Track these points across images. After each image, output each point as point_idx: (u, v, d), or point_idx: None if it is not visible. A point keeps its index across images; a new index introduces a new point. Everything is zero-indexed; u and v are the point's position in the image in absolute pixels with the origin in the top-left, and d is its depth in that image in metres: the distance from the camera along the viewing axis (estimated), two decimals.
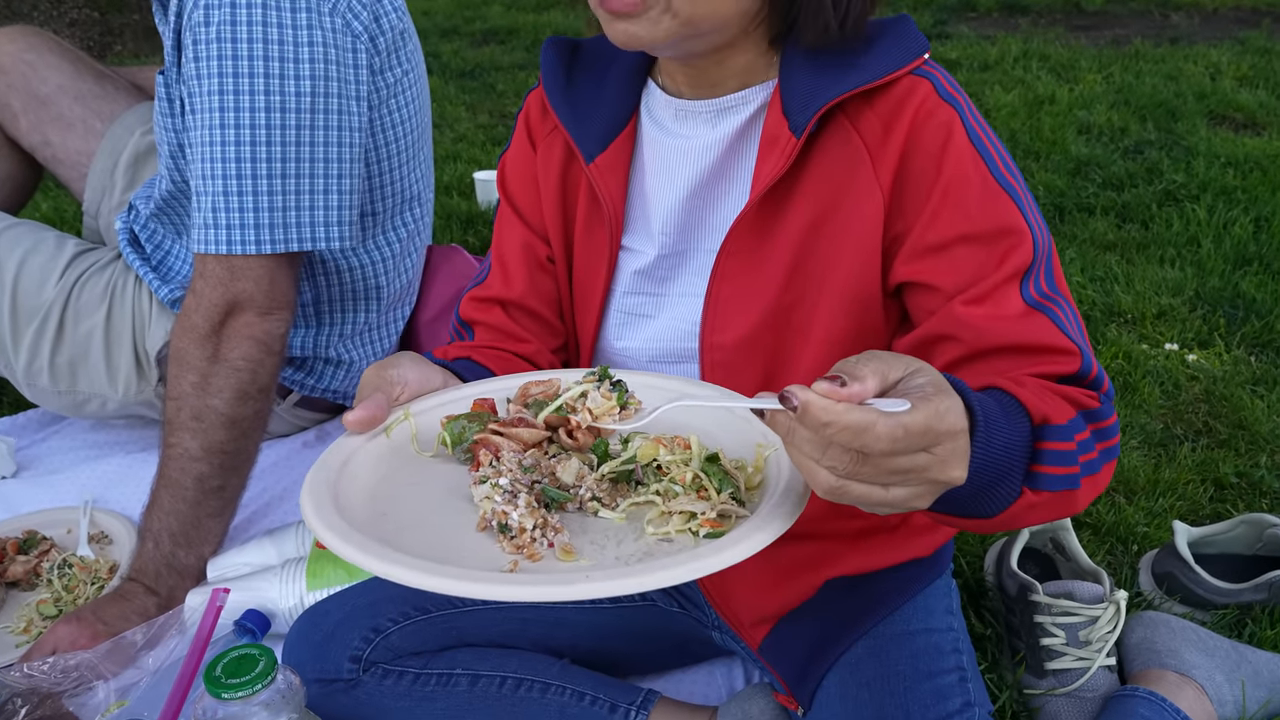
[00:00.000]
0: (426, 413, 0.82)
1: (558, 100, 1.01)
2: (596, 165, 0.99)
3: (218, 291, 1.40)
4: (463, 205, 2.90)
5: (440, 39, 5.14)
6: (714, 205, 0.98)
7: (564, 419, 0.78)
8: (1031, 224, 0.85)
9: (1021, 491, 0.73)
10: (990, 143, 0.88)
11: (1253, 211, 2.68)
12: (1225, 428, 1.86)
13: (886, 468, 0.58)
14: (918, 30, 0.91)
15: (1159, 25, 5.10)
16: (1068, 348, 0.81)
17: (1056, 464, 0.74)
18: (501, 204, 1.13)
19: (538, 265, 1.09)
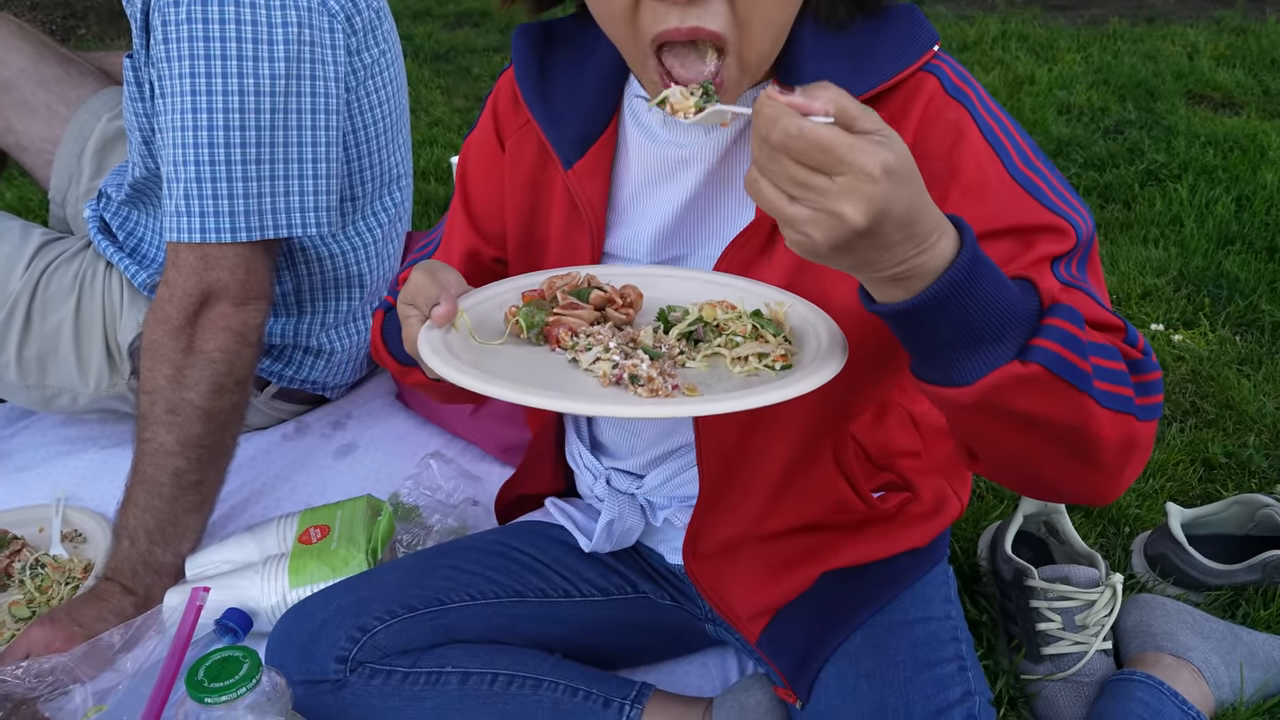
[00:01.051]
0: (471, 309, 0.88)
1: (532, 97, 0.96)
2: (575, 172, 0.95)
3: (191, 281, 1.36)
4: (440, 190, 2.86)
5: (413, 21, 5.06)
6: (710, 212, 0.95)
7: (609, 298, 0.87)
8: (1065, 214, 0.81)
9: (1009, 360, 0.68)
10: (1006, 134, 0.84)
11: (1234, 190, 2.69)
12: (1213, 408, 1.86)
13: (788, 173, 0.61)
14: (925, 20, 0.88)
15: (1135, 4, 5.10)
16: (1111, 321, 0.78)
17: (1062, 343, 0.68)
18: (457, 194, 1.09)
19: (482, 270, 1.08)
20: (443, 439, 1.75)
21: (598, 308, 0.87)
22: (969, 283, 0.66)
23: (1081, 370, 0.70)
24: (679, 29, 0.77)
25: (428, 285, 0.85)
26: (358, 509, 1.39)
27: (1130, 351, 0.78)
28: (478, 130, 1.07)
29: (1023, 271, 0.79)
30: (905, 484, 1.07)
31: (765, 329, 0.82)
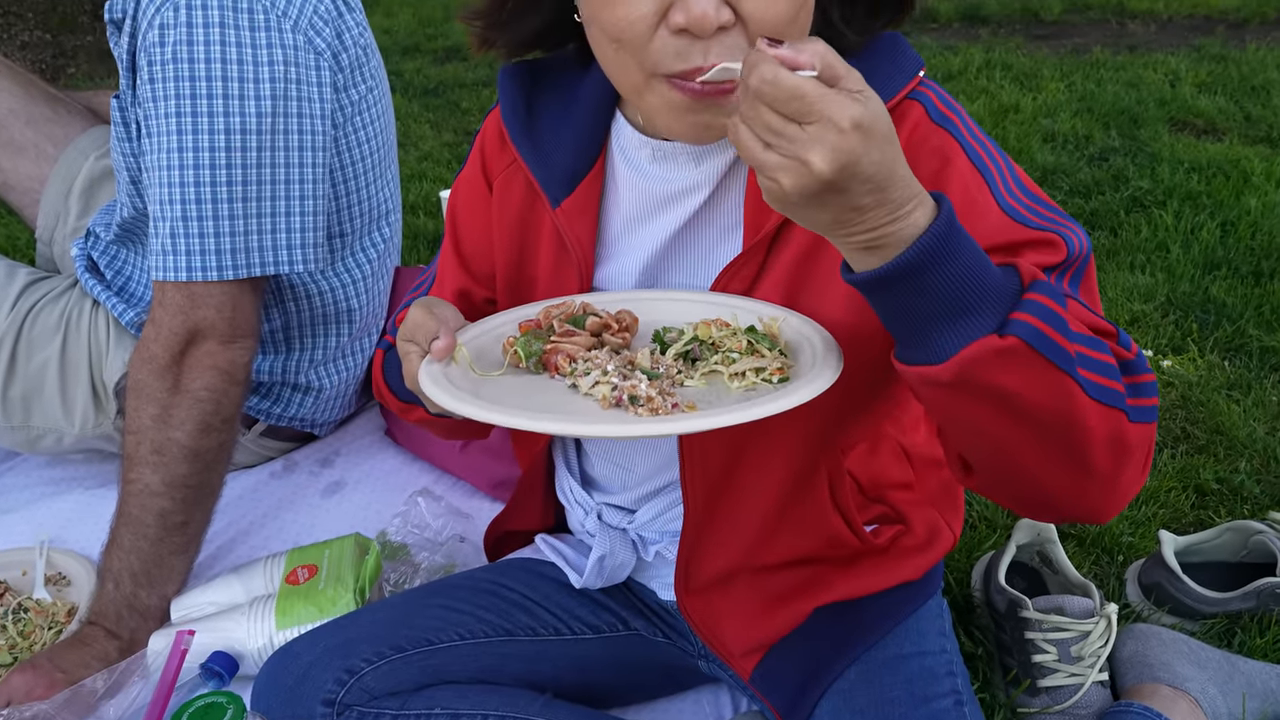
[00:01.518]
0: (469, 342, 0.89)
1: (519, 136, 0.96)
2: (563, 209, 0.95)
3: (178, 320, 1.35)
4: (429, 225, 2.86)
5: (402, 57, 5.09)
6: (698, 243, 0.95)
7: (604, 324, 0.89)
8: (1054, 229, 0.81)
9: (986, 334, 0.67)
10: (992, 160, 0.85)
11: (1219, 216, 2.71)
12: (1203, 433, 1.86)
13: (763, 119, 0.62)
14: (910, 48, 0.89)
15: (1116, 33, 5.17)
16: (1102, 326, 0.77)
17: (1042, 318, 0.67)
18: (447, 235, 1.10)
19: (471, 311, 1.08)
20: (432, 475, 1.74)
21: (594, 333, 0.88)
22: (943, 250, 0.66)
23: (1063, 349, 0.68)
24: (702, 68, 0.76)
25: (426, 321, 0.85)
26: (345, 548, 1.38)
27: (1122, 352, 0.76)
28: (466, 170, 1.07)
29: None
30: (897, 516, 1.06)
31: (760, 344, 0.83)
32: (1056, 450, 0.72)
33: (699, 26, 0.74)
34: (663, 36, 0.76)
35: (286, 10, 1.35)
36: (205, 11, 1.29)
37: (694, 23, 0.74)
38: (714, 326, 0.86)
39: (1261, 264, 2.45)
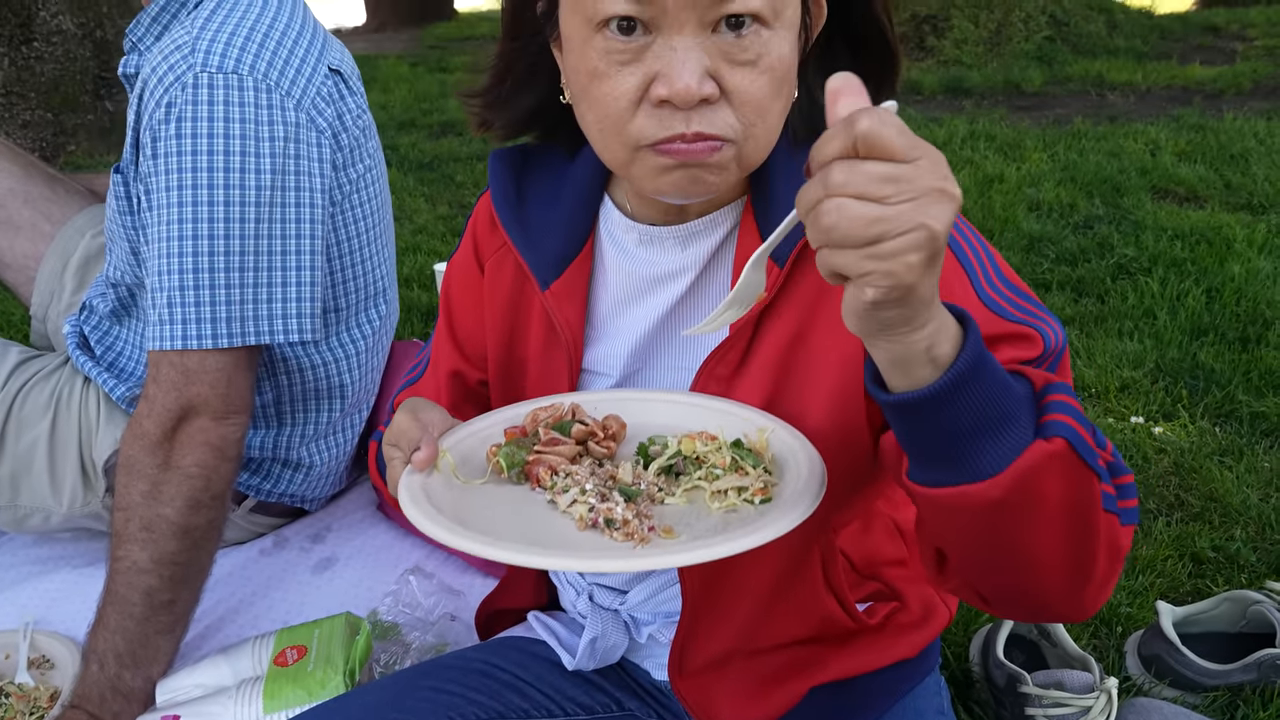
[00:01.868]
0: (454, 447, 0.89)
1: (509, 220, 0.98)
2: (553, 292, 0.95)
3: (171, 396, 1.35)
4: (423, 298, 2.88)
5: (398, 132, 5.18)
6: (685, 324, 0.95)
7: (590, 432, 0.88)
8: (1031, 324, 0.82)
9: (1033, 440, 0.64)
10: (974, 251, 0.85)
11: (1204, 283, 2.74)
12: (1197, 500, 1.86)
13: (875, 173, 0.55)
14: None
15: (1097, 104, 5.29)
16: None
17: (1066, 414, 0.66)
18: (441, 316, 1.11)
19: (466, 392, 1.09)
20: (424, 550, 1.73)
21: (579, 441, 0.87)
22: (984, 357, 0.63)
23: (1093, 449, 0.68)
24: (684, 134, 0.77)
25: (410, 427, 0.85)
26: (336, 627, 1.36)
27: (1104, 455, 0.75)
28: (459, 253, 1.08)
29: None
30: (892, 593, 1.06)
31: (745, 461, 0.82)
32: (1067, 555, 0.70)
33: (681, 99, 0.75)
34: (645, 110, 0.78)
35: (290, 90, 1.38)
36: (211, 90, 1.32)
37: (676, 96, 0.75)
38: (699, 440, 0.85)
39: (1248, 330, 2.47)
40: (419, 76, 6.98)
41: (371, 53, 8.72)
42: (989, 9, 6.54)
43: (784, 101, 0.81)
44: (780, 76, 0.79)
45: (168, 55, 1.35)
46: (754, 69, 0.76)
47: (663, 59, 0.75)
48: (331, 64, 1.48)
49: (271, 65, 1.37)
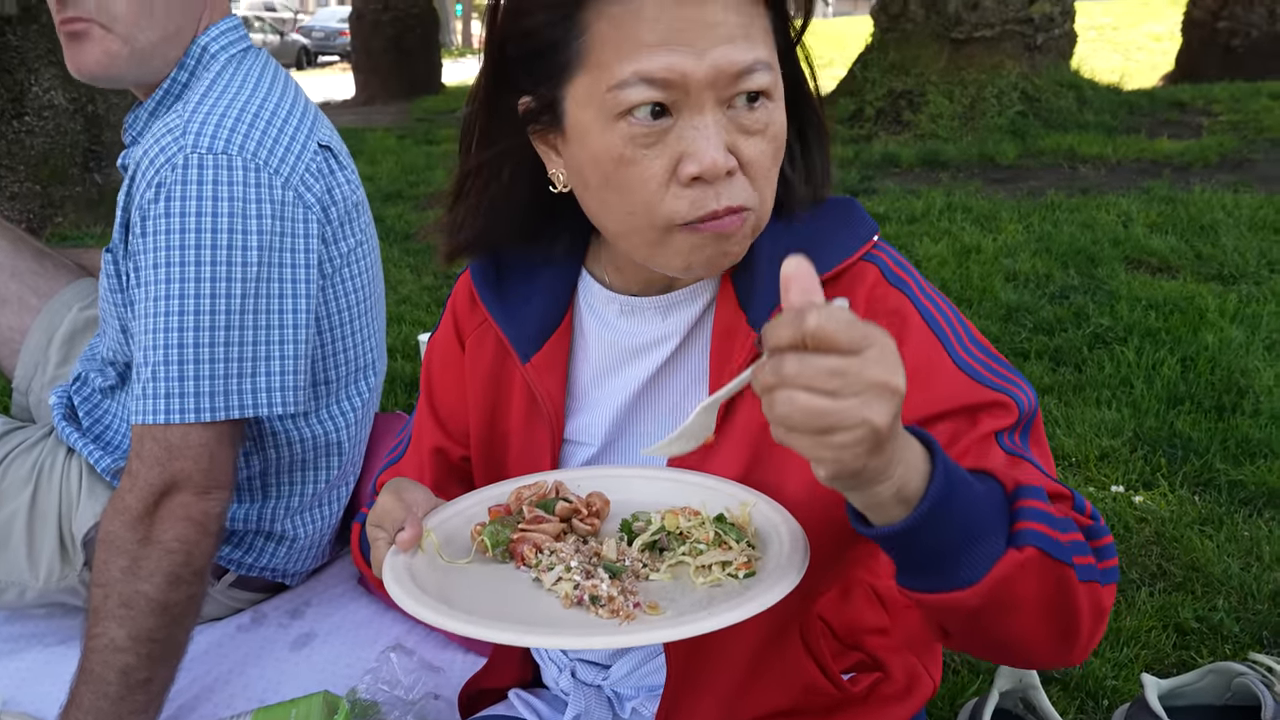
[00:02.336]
0: (438, 527, 0.89)
1: (488, 296, 1.00)
2: (533, 365, 0.97)
3: (154, 472, 1.34)
4: (407, 368, 2.89)
5: (384, 203, 5.25)
6: (665, 393, 0.97)
7: (574, 509, 0.88)
8: (1006, 390, 0.84)
9: (1005, 550, 0.69)
10: (945, 319, 0.88)
11: (1178, 352, 2.79)
12: (1180, 570, 1.86)
13: (823, 367, 0.58)
14: (865, 213, 0.93)
15: (1069, 176, 5.43)
16: (1058, 491, 0.80)
17: (1037, 520, 0.71)
18: (423, 393, 1.11)
19: (449, 468, 1.10)
20: (404, 626, 1.70)
21: (563, 518, 0.88)
22: (952, 478, 0.67)
23: (1062, 544, 0.72)
24: (717, 210, 0.80)
25: (394, 508, 0.86)
26: (313, 707, 1.34)
27: (1081, 519, 0.79)
28: (440, 331, 1.10)
29: (970, 449, 0.81)
30: (875, 663, 1.05)
31: (728, 535, 0.83)
32: (1052, 633, 0.75)
33: (711, 174, 0.79)
34: (675, 190, 0.81)
35: (279, 168, 1.41)
36: (200, 170, 1.35)
37: (707, 172, 0.78)
38: (682, 515, 0.86)
39: (1223, 398, 2.51)
40: (406, 149, 7.10)
41: (360, 126, 8.87)
42: (963, 85, 6.74)
43: (780, 168, 0.86)
44: (781, 144, 0.83)
45: (159, 138, 1.38)
46: (762, 138, 0.81)
47: (686, 138, 0.79)
48: (321, 140, 1.51)
49: (261, 145, 1.40)
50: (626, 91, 0.78)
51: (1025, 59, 6.86)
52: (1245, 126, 6.35)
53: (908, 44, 7.09)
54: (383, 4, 12.24)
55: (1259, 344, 2.82)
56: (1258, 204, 4.37)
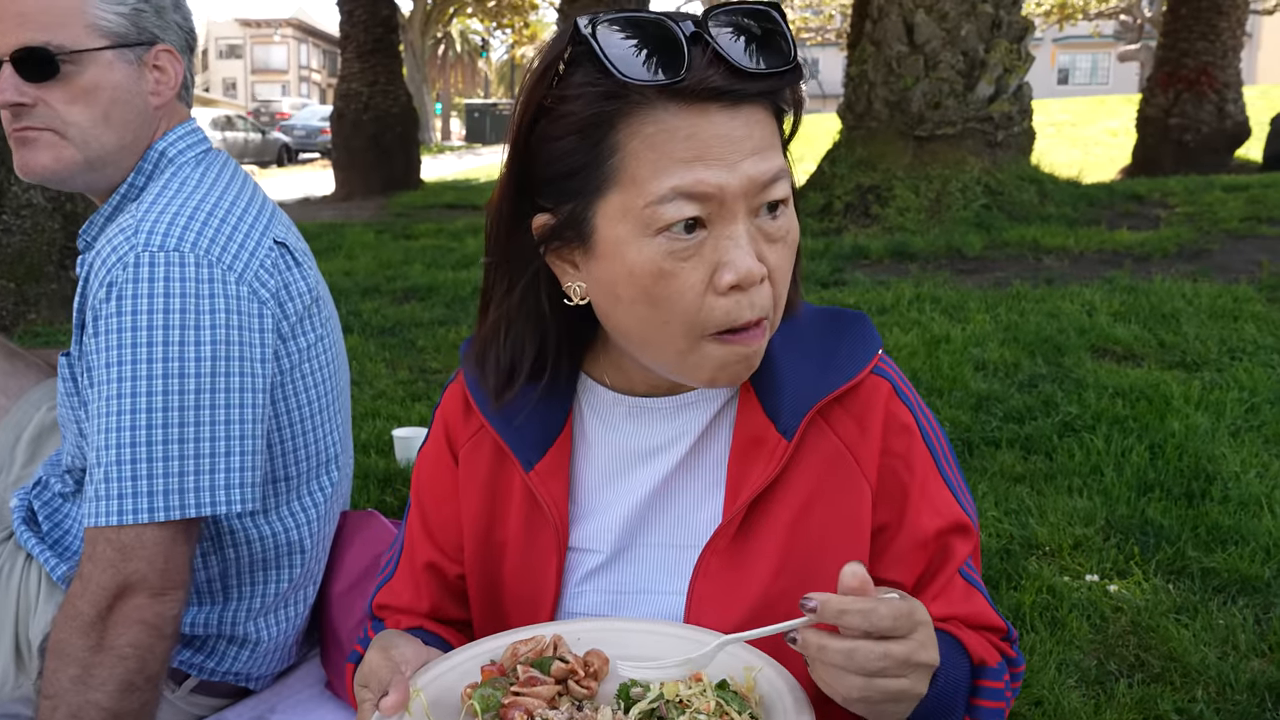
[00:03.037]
0: (428, 685, 0.86)
1: (486, 406, 0.98)
2: (537, 472, 0.95)
3: (107, 574, 1.31)
4: (381, 463, 2.87)
5: (362, 298, 5.28)
6: (676, 499, 0.95)
7: (571, 670, 0.86)
8: (969, 510, 0.91)
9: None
10: (936, 437, 0.93)
11: (1146, 439, 2.82)
12: (1157, 660, 1.85)
13: (895, 654, 0.70)
14: (873, 328, 0.96)
15: (1034, 268, 5.56)
16: (997, 624, 0.91)
17: (991, 698, 0.87)
18: (413, 509, 1.09)
19: (444, 586, 1.07)
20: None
21: (559, 680, 0.85)
22: (941, 679, 0.80)
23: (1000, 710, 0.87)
24: (750, 320, 0.82)
25: (381, 666, 0.83)
26: None
27: (1008, 650, 0.91)
28: (428, 445, 1.08)
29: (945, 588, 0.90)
30: None
31: (730, 705, 0.80)
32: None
33: (748, 282, 0.81)
34: (711, 299, 0.82)
35: (232, 265, 1.41)
36: (152, 268, 1.35)
37: (744, 279, 0.80)
38: (683, 683, 0.82)
39: (1192, 485, 2.53)
40: (384, 243, 7.18)
41: (339, 220, 8.98)
42: (928, 180, 6.95)
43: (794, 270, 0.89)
44: (795, 248, 0.87)
45: (112, 238, 1.39)
46: (783, 244, 0.84)
47: (721, 248, 0.81)
48: (277, 237, 1.53)
49: (214, 241, 1.41)
50: (664, 207, 0.79)
51: (987, 154, 7.11)
52: (1200, 218, 6.56)
53: (874, 141, 7.33)
54: (363, 103, 12.55)
55: (1224, 430, 2.86)
56: (1216, 293, 4.48)
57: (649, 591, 0.96)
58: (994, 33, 7.21)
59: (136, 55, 1.46)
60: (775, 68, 0.79)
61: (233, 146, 21.08)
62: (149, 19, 1.47)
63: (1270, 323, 3.98)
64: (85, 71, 1.42)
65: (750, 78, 0.78)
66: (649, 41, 0.78)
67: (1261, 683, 1.75)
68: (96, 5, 1.42)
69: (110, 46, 1.44)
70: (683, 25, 0.79)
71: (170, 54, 1.49)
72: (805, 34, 35.95)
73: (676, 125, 0.79)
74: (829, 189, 7.34)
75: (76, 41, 1.41)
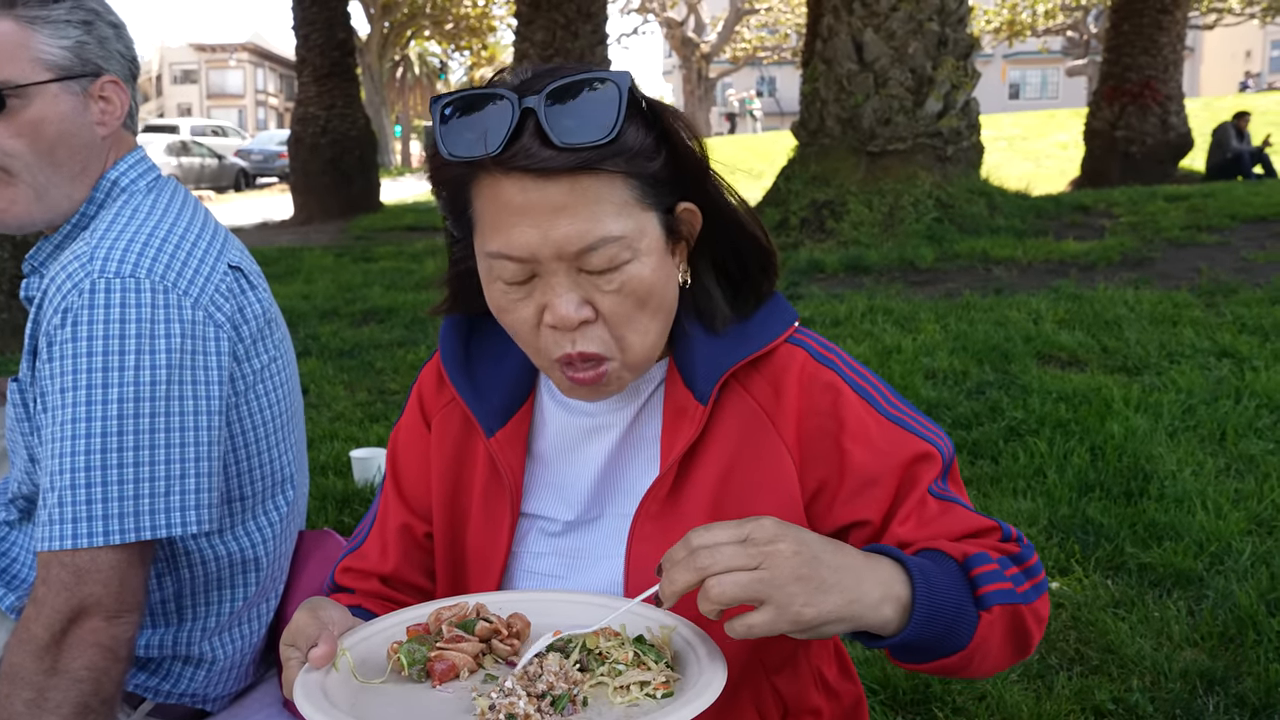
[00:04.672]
0: (354, 646, 0.90)
1: (457, 376, 1.07)
2: (497, 439, 1.04)
3: (61, 598, 1.32)
4: (339, 484, 2.88)
5: (320, 321, 5.27)
6: (623, 472, 1.03)
7: (495, 629, 0.90)
8: (931, 440, 0.95)
9: (979, 616, 0.84)
10: (872, 386, 0.98)
11: (1087, 441, 2.91)
12: (1095, 653, 1.92)
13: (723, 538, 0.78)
14: (787, 303, 1.04)
15: (984, 278, 5.68)
16: (986, 525, 0.93)
17: (993, 581, 0.86)
18: (388, 477, 1.16)
19: (414, 543, 1.13)
20: None
21: (483, 639, 0.89)
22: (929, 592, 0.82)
23: (1013, 590, 0.87)
24: (570, 354, 0.92)
25: (309, 625, 0.88)
26: None
27: (1010, 547, 0.92)
28: (405, 416, 1.17)
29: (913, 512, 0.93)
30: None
31: (647, 656, 0.86)
32: (1011, 652, 0.89)
33: (563, 324, 0.90)
34: (544, 332, 0.93)
35: (188, 289, 1.43)
36: (108, 294, 1.37)
37: (559, 322, 0.90)
38: (602, 636, 0.88)
39: (1130, 484, 2.61)
40: (343, 267, 7.16)
41: (298, 245, 8.93)
42: (880, 194, 7.09)
43: (653, 309, 0.94)
44: (644, 294, 0.92)
45: (66, 265, 1.40)
46: (619, 294, 0.91)
47: (548, 294, 0.91)
48: (231, 261, 1.55)
49: (169, 267, 1.43)
50: (493, 262, 0.91)
51: (937, 169, 7.26)
52: (1144, 227, 6.75)
53: (827, 157, 7.46)
54: (320, 127, 12.51)
55: (1162, 431, 2.95)
56: (1157, 299, 4.62)
57: (600, 556, 1.03)
58: (940, 50, 7.39)
59: (81, 86, 1.47)
60: (592, 141, 0.83)
61: (189, 172, 20.85)
62: (93, 50, 1.49)
63: (1207, 327, 4.12)
64: (30, 105, 1.43)
65: (564, 151, 0.84)
66: (480, 119, 0.86)
67: (1194, 671, 1.82)
68: (41, 39, 1.43)
69: (55, 79, 1.46)
70: (517, 101, 0.85)
71: (115, 84, 1.51)
72: (762, 53, 36.42)
73: (501, 193, 0.88)
74: (784, 204, 7.46)
75: (22, 75, 1.42)
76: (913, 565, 0.83)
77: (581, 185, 0.86)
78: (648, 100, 0.89)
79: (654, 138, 0.89)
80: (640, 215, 0.90)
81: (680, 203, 0.94)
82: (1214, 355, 3.73)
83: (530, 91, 0.85)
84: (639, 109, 0.88)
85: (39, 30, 1.43)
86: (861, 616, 0.79)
